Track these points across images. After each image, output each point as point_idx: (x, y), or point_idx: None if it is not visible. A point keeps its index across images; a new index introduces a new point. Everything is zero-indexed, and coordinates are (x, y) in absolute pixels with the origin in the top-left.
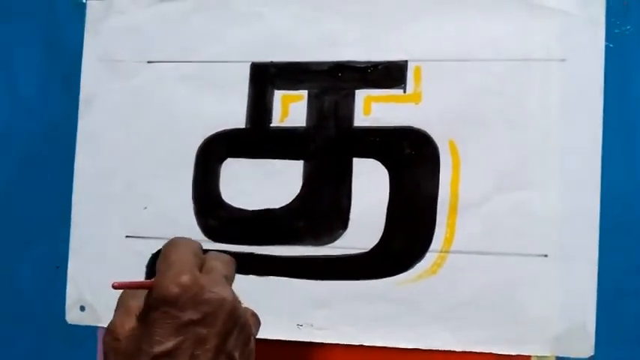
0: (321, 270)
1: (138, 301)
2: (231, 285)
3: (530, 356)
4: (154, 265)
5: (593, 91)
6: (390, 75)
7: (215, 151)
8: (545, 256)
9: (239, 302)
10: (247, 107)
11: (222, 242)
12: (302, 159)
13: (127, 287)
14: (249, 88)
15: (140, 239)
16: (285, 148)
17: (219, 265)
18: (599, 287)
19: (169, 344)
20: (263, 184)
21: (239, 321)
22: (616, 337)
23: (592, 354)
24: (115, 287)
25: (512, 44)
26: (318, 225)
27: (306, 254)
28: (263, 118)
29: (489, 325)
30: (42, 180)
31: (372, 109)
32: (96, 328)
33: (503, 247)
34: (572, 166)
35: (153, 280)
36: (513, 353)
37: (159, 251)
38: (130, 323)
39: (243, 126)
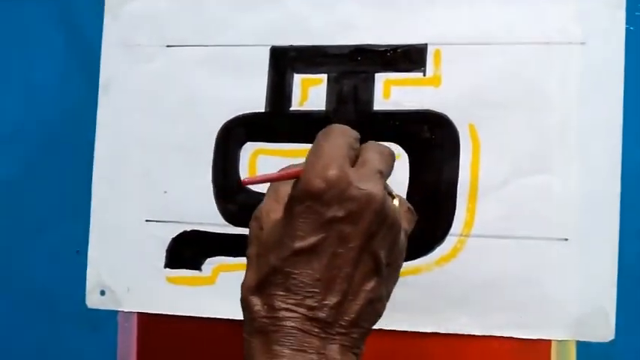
0: None
1: (289, 188)
2: (385, 179)
3: (550, 340)
4: (174, 248)
5: (614, 74)
6: (409, 58)
7: (235, 135)
8: (566, 240)
9: (392, 198)
10: (267, 91)
11: (242, 226)
12: None
13: (258, 182)
14: (269, 71)
15: (160, 223)
16: (305, 131)
17: (376, 158)
18: (619, 271)
19: (311, 240)
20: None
21: (387, 220)
22: (636, 321)
23: (612, 338)
24: (244, 184)
25: (532, 27)
26: None
27: None
28: (282, 102)
29: (509, 310)
30: (62, 164)
31: (392, 92)
32: (116, 312)
33: (523, 231)
34: (592, 149)
35: (298, 169)
36: (533, 337)
37: (179, 235)
38: (276, 212)
39: (262, 110)
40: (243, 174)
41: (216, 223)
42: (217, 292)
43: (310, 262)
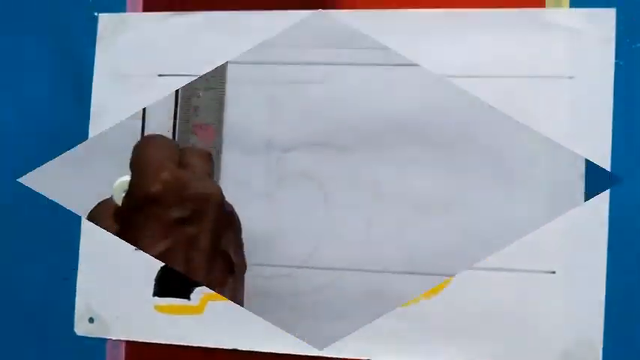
0: None
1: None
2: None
3: None
4: (162, 277)
5: (603, 109)
6: None
7: None
8: (553, 272)
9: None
10: None
11: None
12: None
13: None
14: None
15: None
16: None
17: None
18: (606, 304)
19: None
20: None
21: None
22: (624, 354)
23: None
24: None
25: (520, 61)
26: None
27: None
28: None
29: (497, 341)
30: None
31: None
32: (105, 339)
33: (510, 264)
34: None
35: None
36: None
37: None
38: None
39: None
40: None
41: None
42: (205, 322)
43: None
